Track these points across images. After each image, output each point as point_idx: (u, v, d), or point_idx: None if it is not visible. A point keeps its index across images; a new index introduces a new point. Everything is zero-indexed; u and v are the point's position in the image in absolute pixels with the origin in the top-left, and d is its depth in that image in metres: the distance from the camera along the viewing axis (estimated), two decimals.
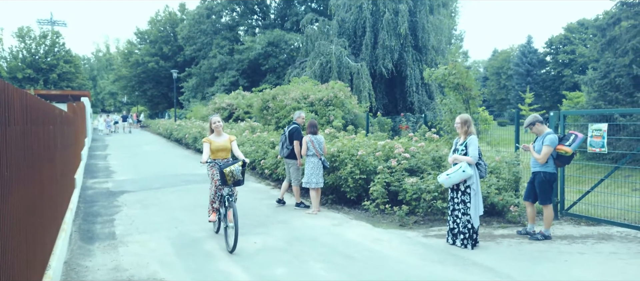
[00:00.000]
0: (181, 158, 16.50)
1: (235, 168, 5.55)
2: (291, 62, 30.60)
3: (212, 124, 6.23)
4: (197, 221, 6.97)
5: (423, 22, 25.00)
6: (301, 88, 15.03)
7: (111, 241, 5.92)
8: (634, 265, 4.94)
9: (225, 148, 6.14)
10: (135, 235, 6.19)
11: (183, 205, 8.16)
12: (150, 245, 5.75)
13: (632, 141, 10.54)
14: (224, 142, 6.17)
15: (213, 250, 5.52)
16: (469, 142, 5.63)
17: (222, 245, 5.70)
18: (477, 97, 10.73)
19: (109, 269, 4.90)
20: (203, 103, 30.89)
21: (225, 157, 6.14)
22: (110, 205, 8.29)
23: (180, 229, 6.51)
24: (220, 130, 6.23)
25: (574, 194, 7.13)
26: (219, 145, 6.12)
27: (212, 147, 6.10)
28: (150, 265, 4.99)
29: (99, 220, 7.11)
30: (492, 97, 62.19)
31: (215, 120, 6.22)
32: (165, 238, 6.06)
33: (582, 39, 48.51)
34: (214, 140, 6.17)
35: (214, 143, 6.13)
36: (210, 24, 38.58)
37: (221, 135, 6.25)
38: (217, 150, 6.10)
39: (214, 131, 6.23)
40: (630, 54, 15.66)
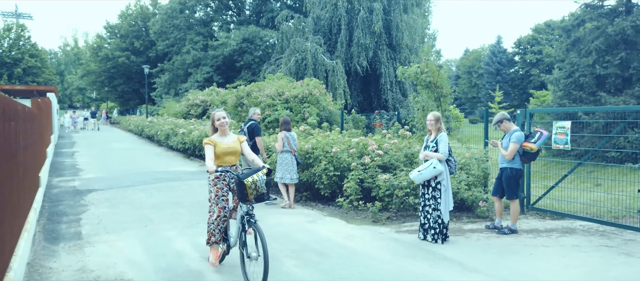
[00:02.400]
0: (153, 156, 16.17)
1: (259, 178, 4.16)
2: (266, 58, 30.44)
3: (216, 121, 4.71)
4: (169, 219, 6.85)
5: (397, 20, 25.29)
6: (276, 85, 14.97)
7: (77, 242, 5.75)
8: (595, 257, 5.15)
9: (234, 151, 4.67)
10: (103, 235, 6.03)
11: (154, 204, 8.01)
12: (118, 244, 5.61)
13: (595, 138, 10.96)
14: (232, 143, 4.69)
15: (184, 249, 5.44)
16: (439, 139, 5.74)
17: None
18: (449, 95, 10.95)
19: (74, 270, 4.76)
20: (176, 100, 30.37)
21: (233, 163, 4.71)
22: (76, 204, 8.05)
23: (151, 228, 6.38)
24: (226, 128, 4.72)
25: (540, 189, 7.36)
26: (226, 147, 4.63)
27: (217, 150, 4.60)
28: (117, 266, 4.87)
29: (65, 220, 6.89)
30: (463, 95, 63.49)
31: (220, 116, 4.72)
32: (135, 237, 5.93)
33: (548, 39, 50.05)
34: (220, 141, 4.66)
35: (220, 145, 4.62)
36: (183, 19, 37.90)
37: (227, 134, 4.75)
38: (223, 155, 4.62)
39: (219, 130, 4.73)
40: (594, 54, 16.26)
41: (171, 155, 16.30)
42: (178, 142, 16.23)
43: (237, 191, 4.22)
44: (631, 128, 12.31)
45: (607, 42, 15.91)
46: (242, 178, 4.14)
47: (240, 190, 4.16)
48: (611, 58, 15.76)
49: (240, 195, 4.19)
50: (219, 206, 4.59)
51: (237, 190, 4.23)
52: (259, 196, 4.19)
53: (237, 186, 4.19)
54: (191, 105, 21.69)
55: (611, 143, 12.49)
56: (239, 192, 4.18)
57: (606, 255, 5.20)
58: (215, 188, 4.59)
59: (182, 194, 8.92)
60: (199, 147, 14.39)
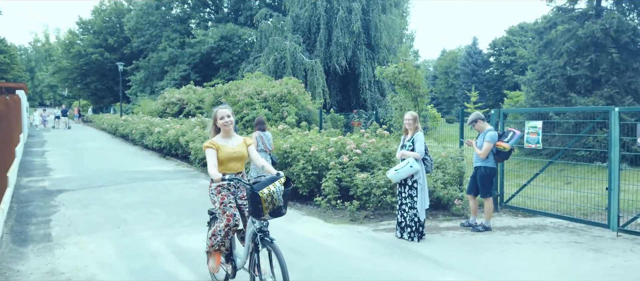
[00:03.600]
0: (127, 155, 15.83)
1: (276, 188, 3.50)
2: (245, 57, 30.19)
3: (219, 120, 3.95)
4: (143, 220, 6.72)
5: (376, 21, 25.46)
6: (254, 84, 14.88)
7: (46, 244, 5.58)
8: (565, 253, 5.30)
9: (240, 156, 3.96)
10: (74, 237, 5.87)
11: (128, 204, 7.84)
12: (89, 246, 5.47)
13: (565, 137, 11.28)
14: (238, 147, 3.98)
15: (159, 250, 5.34)
16: (415, 138, 5.80)
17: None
18: (426, 94, 11.10)
19: (43, 273, 4.62)
20: (152, 98, 29.82)
21: (238, 170, 3.99)
22: (46, 205, 7.81)
23: (124, 229, 6.24)
24: (231, 129, 3.98)
25: (513, 187, 7.53)
26: (231, 152, 3.91)
27: (220, 155, 3.86)
28: (89, 268, 4.75)
29: (34, 221, 6.68)
30: (441, 95, 64.41)
31: (224, 114, 3.94)
32: (107, 238, 5.79)
33: (522, 41, 51.23)
34: (223, 144, 3.91)
35: (223, 149, 3.88)
36: (159, 16, 37.21)
37: (232, 136, 4.02)
38: (227, 160, 3.88)
39: (221, 130, 3.98)
40: (565, 56, 16.73)
41: (146, 155, 16.00)
42: (154, 140, 15.94)
43: (250, 204, 3.53)
44: (600, 128, 12.73)
45: (577, 44, 16.39)
46: (257, 190, 3.44)
47: (254, 204, 3.47)
48: (581, 60, 16.24)
49: (253, 209, 3.50)
50: (228, 214, 3.83)
51: (249, 203, 3.55)
52: (275, 210, 3.50)
53: (250, 198, 3.50)
54: (167, 103, 21.34)
55: (581, 143, 12.89)
56: (252, 205, 3.50)
57: (576, 251, 5.36)
58: (219, 196, 3.87)
59: (158, 194, 8.76)
60: (176, 146, 14.17)
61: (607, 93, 15.39)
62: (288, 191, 3.60)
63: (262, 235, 3.59)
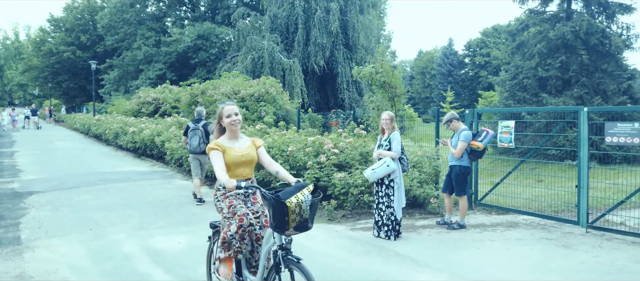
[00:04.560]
0: (100, 156, 15.46)
1: (305, 197, 3.06)
2: (222, 56, 29.88)
3: (225, 118, 3.49)
4: (116, 222, 6.57)
5: (353, 21, 25.59)
6: (232, 83, 14.74)
7: (15, 247, 5.39)
8: (537, 250, 5.44)
9: (250, 160, 3.51)
10: (44, 240, 5.69)
11: (100, 205, 7.65)
12: (60, 249, 5.32)
13: (537, 137, 11.58)
14: (247, 150, 3.51)
15: (133, 252, 5.23)
16: (392, 138, 5.86)
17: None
18: (403, 95, 11.21)
19: (12, 277, 4.47)
20: (126, 97, 29.19)
21: (247, 176, 3.53)
22: (15, 207, 7.55)
23: (96, 231, 6.09)
24: (238, 129, 3.52)
25: (487, 186, 7.68)
26: (240, 155, 3.45)
27: (227, 159, 3.41)
28: (59, 271, 4.62)
29: (2, 224, 6.45)
30: (417, 95, 65.22)
31: (231, 111, 3.48)
32: (78, 241, 5.64)
33: (496, 42, 52.35)
34: (230, 146, 3.46)
35: (230, 152, 3.43)
36: (134, 14, 36.45)
37: (239, 137, 3.56)
38: (235, 165, 3.43)
39: (227, 130, 3.52)
40: (536, 57, 17.18)
41: (120, 155, 15.66)
42: (128, 141, 15.61)
43: (273, 216, 3.05)
44: (570, 127, 13.12)
45: (548, 46, 16.84)
46: (284, 199, 2.96)
47: (279, 216, 2.99)
48: (552, 61, 16.70)
49: (277, 222, 3.03)
50: (239, 214, 3.33)
51: (271, 215, 3.08)
52: (301, 223, 3.03)
53: (274, 209, 3.01)
54: (143, 103, 20.94)
55: (552, 142, 13.25)
56: (276, 218, 3.02)
57: (547, 248, 5.51)
58: (227, 201, 3.42)
59: (132, 195, 8.58)
60: (151, 146, 13.92)
61: (577, 93, 15.87)
62: (317, 201, 3.11)
63: (285, 254, 3.09)
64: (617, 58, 16.70)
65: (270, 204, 3.09)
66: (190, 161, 8.33)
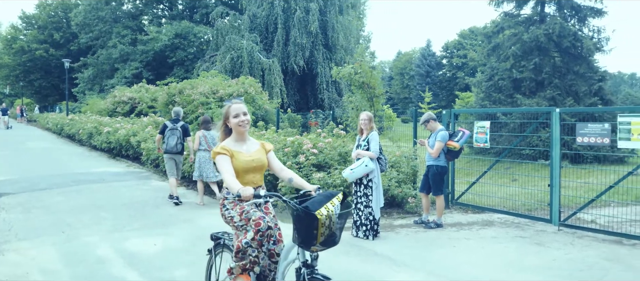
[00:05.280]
0: (73, 156, 15.08)
1: (335, 207, 2.73)
2: (200, 55, 29.54)
3: (232, 119, 3.12)
4: (90, 224, 6.42)
5: (333, 21, 25.67)
6: (210, 83, 14.58)
7: None
8: (511, 248, 5.56)
9: (260, 165, 3.16)
10: (14, 243, 5.51)
11: (73, 207, 7.46)
12: (31, 252, 5.16)
13: (512, 137, 11.84)
14: (256, 153, 3.17)
15: (107, 255, 5.12)
16: (370, 138, 5.90)
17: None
18: (381, 95, 11.30)
19: None
20: (101, 97, 28.54)
21: (258, 184, 3.17)
22: None
23: (69, 234, 5.94)
24: (246, 130, 3.16)
25: (463, 185, 7.81)
26: (249, 160, 3.10)
27: (236, 164, 3.05)
28: (30, 275, 4.48)
29: None
30: (396, 96, 65.82)
31: (239, 110, 3.11)
32: (50, 244, 5.48)
33: (472, 44, 53.30)
34: (237, 150, 3.10)
35: (239, 157, 3.07)
36: (109, 11, 35.69)
37: (247, 140, 3.22)
38: (244, 171, 3.07)
39: (234, 132, 3.16)
40: (511, 59, 17.58)
41: (94, 155, 15.30)
42: (102, 141, 15.26)
43: (299, 229, 2.71)
44: (543, 127, 13.45)
45: (523, 48, 17.24)
46: (314, 210, 2.62)
47: (306, 229, 2.65)
48: (526, 63, 17.11)
49: (303, 236, 2.69)
50: (255, 218, 2.96)
51: (297, 228, 2.72)
52: (329, 237, 2.71)
53: (301, 222, 2.67)
54: (118, 102, 20.52)
55: (526, 142, 13.57)
56: (303, 231, 2.68)
57: (521, 245, 5.63)
58: (237, 208, 3.06)
59: (106, 197, 8.40)
60: (126, 146, 13.64)
61: (550, 94, 16.29)
62: (348, 212, 2.80)
63: (310, 272, 2.78)
64: (588, 60, 17.21)
65: (296, 216, 2.70)
66: (165, 161, 8.21)
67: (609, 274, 4.59)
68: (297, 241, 2.75)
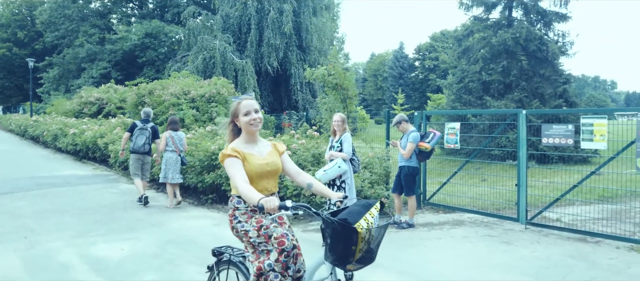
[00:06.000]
0: (37, 159, 14.52)
1: (374, 219, 2.47)
2: (172, 55, 29.03)
3: (242, 117, 2.74)
4: (53, 229, 6.18)
5: (307, 23, 25.68)
6: (182, 84, 14.33)
7: None
8: (480, 246, 5.67)
9: (274, 170, 2.80)
10: None
11: (36, 212, 7.17)
12: None
13: (481, 138, 12.11)
14: (270, 156, 2.80)
15: (71, 261, 4.93)
16: (343, 139, 5.92)
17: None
18: (355, 96, 11.35)
19: None
20: (67, 97, 27.63)
21: (272, 190, 2.80)
22: None
23: (32, 239, 5.69)
24: (258, 131, 2.79)
25: (435, 185, 7.92)
26: (262, 164, 2.73)
27: (249, 168, 2.66)
28: None
29: None
30: (370, 97, 66.46)
31: (250, 107, 2.73)
32: (12, 250, 5.24)
33: (444, 47, 54.44)
34: (249, 152, 2.72)
35: (252, 160, 2.70)
36: (76, 10, 34.62)
37: (258, 141, 2.84)
38: (258, 176, 2.70)
39: (244, 132, 2.77)
40: (480, 62, 18.02)
41: (60, 158, 14.78)
42: (68, 143, 14.76)
43: (334, 245, 2.41)
44: (510, 129, 13.83)
45: (491, 51, 17.71)
46: (353, 223, 2.32)
47: (344, 245, 2.36)
48: (495, 66, 17.57)
49: (338, 253, 2.40)
50: (276, 236, 2.62)
51: (332, 244, 2.41)
52: (366, 253, 2.42)
53: (338, 237, 2.36)
54: (84, 103, 19.91)
55: (495, 143, 13.92)
56: (338, 247, 2.39)
57: (490, 244, 5.75)
58: (252, 221, 2.68)
59: (71, 201, 8.11)
60: (93, 148, 13.23)
61: (518, 97, 16.78)
62: (387, 225, 2.53)
63: None
64: (553, 63, 17.83)
65: (331, 230, 2.38)
66: (131, 161, 8.00)
67: (574, 271, 4.74)
68: (331, 259, 2.41)
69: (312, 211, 2.49)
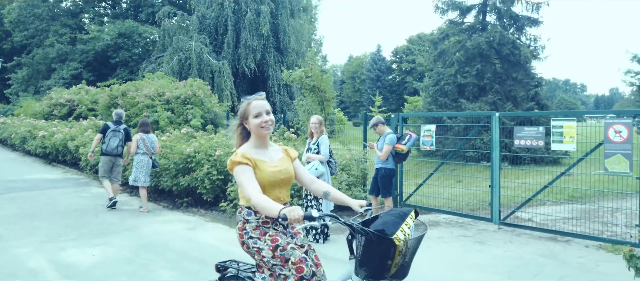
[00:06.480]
0: (5, 162, 14.02)
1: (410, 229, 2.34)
2: (146, 56, 28.51)
3: (253, 119, 2.53)
4: (22, 235, 5.95)
5: (284, 25, 25.63)
6: (156, 85, 14.07)
7: None
8: (455, 247, 5.75)
9: (287, 178, 2.58)
10: None
11: (4, 217, 6.90)
12: None
13: (456, 139, 12.31)
14: (281, 162, 2.59)
15: (40, 267, 4.76)
16: (320, 142, 5.92)
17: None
18: (332, 99, 11.36)
19: None
20: (36, 99, 26.76)
21: (285, 200, 2.57)
22: None
23: (0, 245, 5.48)
24: (269, 133, 2.57)
25: (411, 187, 8.00)
26: (275, 171, 2.52)
27: (261, 176, 2.44)
28: None
29: None
30: (348, 99, 66.73)
31: (262, 109, 2.53)
32: None
33: (420, 50, 55.16)
34: (260, 158, 2.50)
35: (263, 167, 2.48)
36: (46, 9, 33.64)
37: (269, 146, 2.63)
38: (271, 185, 2.49)
39: (254, 136, 2.57)
40: (456, 65, 18.33)
41: (28, 161, 14.30)
42: (37, 146, 14.30)
43: (367, 259, 2.25)
44: (485, 130, 14.11)
45: (466, 54, 18.03)
46: (391, 234, 2.17)
47: (378, 258, 2.21)
48: (469, 69, 17.89)
49: (373, 267, 2.24)
50: (295, 260, 2.39)
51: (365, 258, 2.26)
52: (401, 267, 2.27)
53: (372, 250, 2.21)
54: (54, 104, 19.31)
55: (470, 144, 14.17)
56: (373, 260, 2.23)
57: (465, 244, 5.84)
58: (267, 239, 2.45)
59: (40, 205, 7.85)
60: (64, 151, 12.85)
61: (492, 99, 17.13)
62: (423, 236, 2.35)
63: None
64: (526, 67, 18.27)
65: (365, 242, 2.20)
66: (101, 163, 7.80)
67: (544, 270, 4.85)
68: (363, 274, 2.25)
69: (341, 221, 2.30)
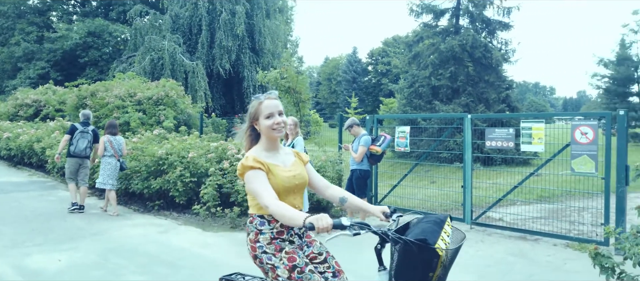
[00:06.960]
0: None
1: (450, 236, 2.22)
2: (117, 56, 27.81)
3: (264, 120, 2.35)
4: None
5: (260, 25, 25.45)
6: (127, 85, 13.74)
7: None
8: None
9: (301, 183, 2.42)
10: None
11: None
12: None
13: (430, 141, 12.49)
14: (294, 167, 2.43)
15: (4, 273, 4.55)
16: (295, 143, 5.88)
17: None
18: (307, 100, 11.37)
19: None
20: (0, 99, 25.74)
21: (298, 206, 2.39)
22: None
23: None
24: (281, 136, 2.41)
25: (386, 188, 8.06)
26: (289, 176, 2.36)
27: (274, 181, 2.28)
28: None
29: None
30: (324, 101, 66.86)
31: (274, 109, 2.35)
32: None
33: (396, 52, 55.80)
34: (273, 162, 2.34)
35: (277, 171, 2.32)
36: (12, 6, 32.39)
37: (280, 149, 2.46)
38: (285, 191, 2.33)
39: (265, 139, 2.39)
40: (430, 67, 18.61)
41: None
42: (1, 148, 13.73)
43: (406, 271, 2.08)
44: (458, 132, 14.37)
45: (440, 57, 18.33)
46: (433, 243, 2.01)
47: (422, 270, 2.03)
48: (443, 71, 18.20)
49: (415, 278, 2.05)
50: None
51: (403, 269, 2.10)
52: (440, 278, 2.09)
53: (412, 260, 2.04)
54: (20, 105, 18.58)
55: (443, 146, 14.40)
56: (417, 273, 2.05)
57: None
58: (282, 256, 2.29)
59: (5, 209, 7.54)
60: (29, 153, 12.38)
61: (464, 101, 17.47)
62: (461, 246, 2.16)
63: None
64: (497, 70, 18.72)
65: (403, 253, 2.04)
66: (68, 164, 7.54)
67: (514, 269, 4.96)
68: None
69: (373, 230, 2.10)
